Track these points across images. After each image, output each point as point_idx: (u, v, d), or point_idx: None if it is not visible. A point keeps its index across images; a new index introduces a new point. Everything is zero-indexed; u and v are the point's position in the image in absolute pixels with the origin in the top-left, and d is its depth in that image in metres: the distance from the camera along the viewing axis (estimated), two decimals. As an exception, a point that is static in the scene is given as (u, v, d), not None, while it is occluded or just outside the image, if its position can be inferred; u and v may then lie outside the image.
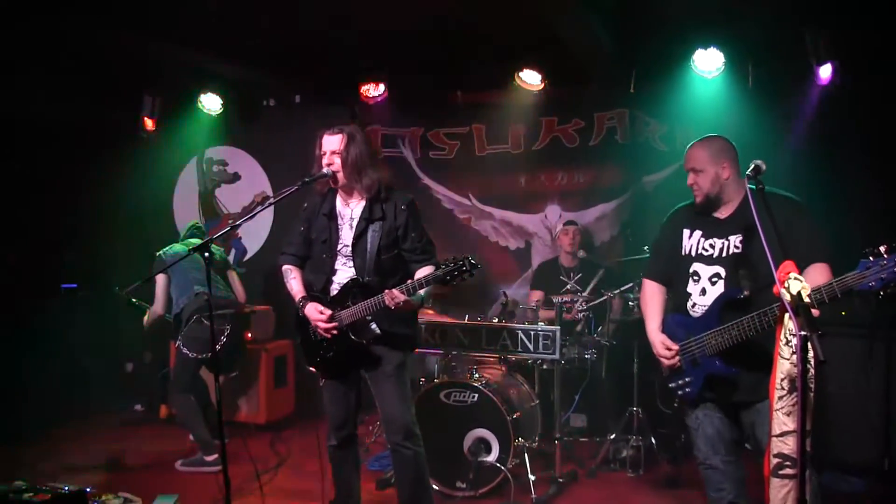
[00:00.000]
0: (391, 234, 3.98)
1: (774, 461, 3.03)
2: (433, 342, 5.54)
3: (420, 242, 4.01)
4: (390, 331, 4.00)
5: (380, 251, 3.96)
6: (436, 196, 7.52)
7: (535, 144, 7.18)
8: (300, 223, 4.21)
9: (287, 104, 7.75)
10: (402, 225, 3.99)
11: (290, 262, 4.23)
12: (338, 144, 3.95)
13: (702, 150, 3.57)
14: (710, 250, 3.49)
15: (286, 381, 7.15)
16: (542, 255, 7.16)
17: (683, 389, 3.53)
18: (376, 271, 3.95)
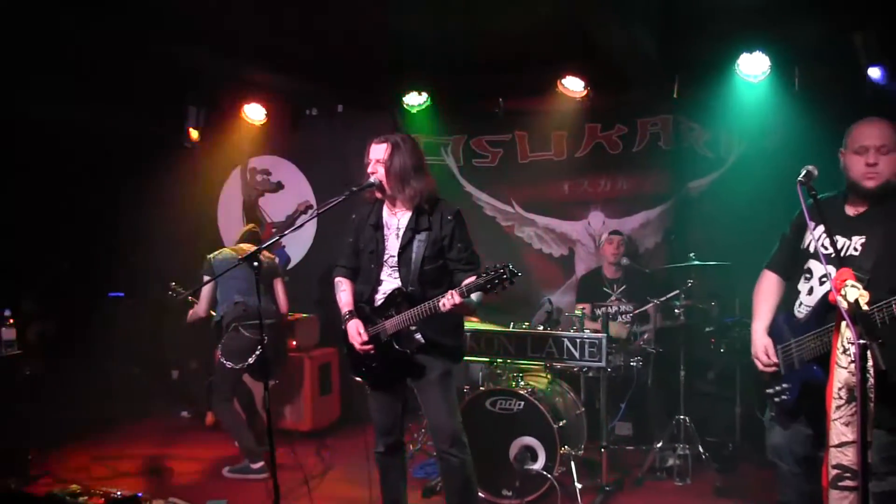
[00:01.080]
0: (436, 245, 3.99)
1: (833, 472, 2.96)
2: (478, 350, 5.55)
3: (466, 253, 4.01)
4: (435, 340, 4.02)
5: (424, 261, 3.97)
6: (478, 203, 7.51)
7: (579, 151, 7.16)
8: (349, 234, 4.24)
9: (330, 113, 7.79)
10: (447, 235, 3.99)
11: (342, 275, 4.26)
12: (382, 153, 3.98)
13: (891, 128, 3.16)
14: (828, 248, 3.15)
15: (331, 389, 7.19)
16: (586, 262, 7.14)
17: (780, 396, 3.36)
18: (420, 281, 3.96)
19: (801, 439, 3.34)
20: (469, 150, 7.55)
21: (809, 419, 3.28)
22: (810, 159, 3.10)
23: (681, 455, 5.54)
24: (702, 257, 5.80)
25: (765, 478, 5.47)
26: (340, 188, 4.02)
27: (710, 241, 6.27)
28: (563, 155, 7.23)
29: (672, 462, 5.55)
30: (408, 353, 3.98)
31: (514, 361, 5.57)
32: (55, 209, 7.29)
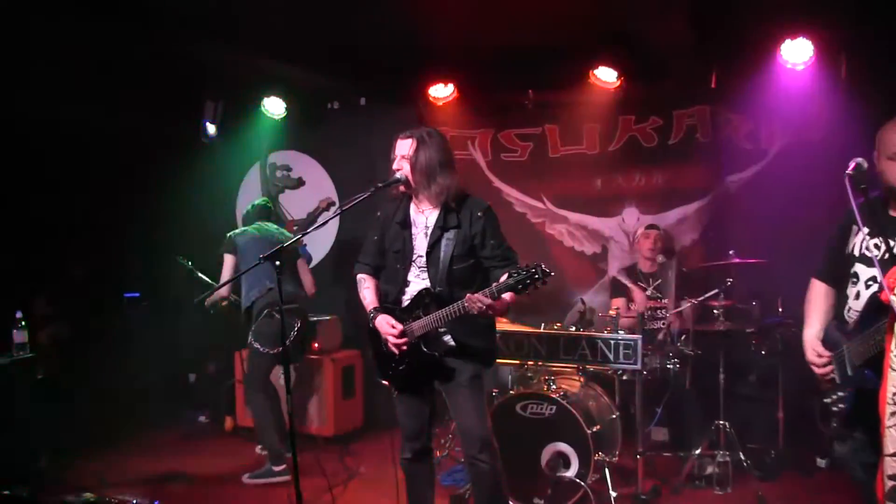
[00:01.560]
0: (466, 243, 3.99)
1: (889, 484, 2.91)
2: (507, 352, 5.55)
3: (500, 249, 4.01)
4: (465, 342, 4.02)
5: (453, 261, 3.98)
6: (507, 199, 7.50)
7: (612, 144, 7.15)
8: (374, 232, 4.25)
9: (352, 107, 7.81)
10: (478, 233, 3.99)
11: (365, 272, 4.28)
12: (408, 149, 4.00)
13: None
14: (873, 251, 3.20)
15: (354, 392, 7.22)
16: (620, 259, 7.11)
17: (837, 405, 3.36)
18: (448, 281, 3.97)
19: (864, 447, 3.32)
20: (497, 144, 7.54)
21: (867, 426, 3.25)
22: (858, 152, 3.08)
23: (721, 462, 5.50)
24: (742, 255, 5.76)
25: (809, 486, 5.47)
26: (364, 184, 4.06)
27: (750, 238, 6.21)
28: (596, 148, 7.21)
29: (711, 470, 5.52)
30: (436, 355, 4.00)
31: (545, 364, 5.57)
32: (68, 208, 7.35)
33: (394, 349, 4.04)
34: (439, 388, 4.14)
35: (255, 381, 6.03)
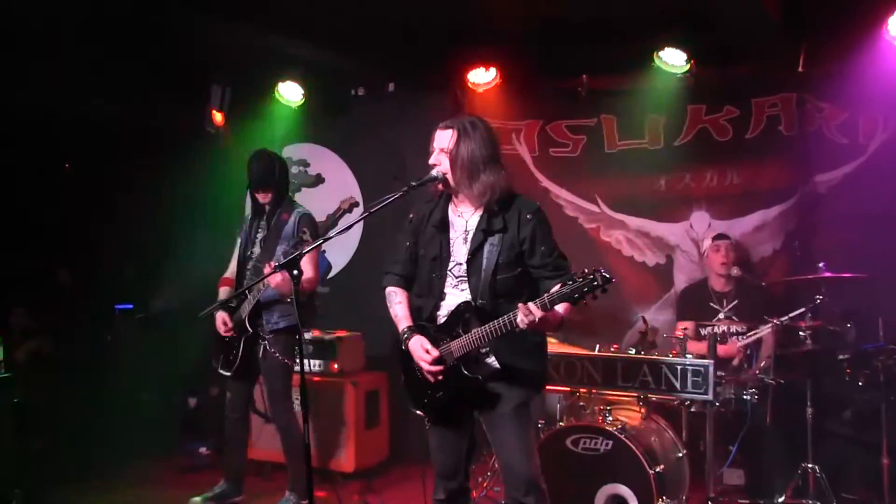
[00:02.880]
0: (513, 249, 3.97)
1: None
2: (557, 377, 5.53)
3: (551, 257, 3.97)
4: (511, 364, 3.97)
5: (497, 269, 3.95)
6: (557, 201, 7.46)
7: (679, 138, 7.09)
8: (406, 236, 4.25)
9: (379, 93, 7.80)
10: (527, 237, 3.96)
11: (395, 284, 4.25)
12: (447, 141, 3.99)
13: None
14: None
15: (379, 421, 7.19)
16: (687, 272, 7.06)
17: None
18: (492, 293, 3.94)
19: None
20: (546, 137, 7.52)
21: None
22: None
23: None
24: (834, 268, 5.68)
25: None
26: (391, 182, 4.10)
27: (843, 248, 6.19)
28: (660, 143, 7.17)
29: (798, 522, 5.45)
30: (479, 378, 3.94)
31: (600, 391, 5.56)
32: (53, 205, 7.39)
33: (429, 377, 4.00)
34: (479, 417, 4.10)
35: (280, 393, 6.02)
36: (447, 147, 3.98)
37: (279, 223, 5.82)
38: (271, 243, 5.78)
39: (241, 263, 5.92)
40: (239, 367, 5.83)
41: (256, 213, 5.94)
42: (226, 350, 5.89)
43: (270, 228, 5.83)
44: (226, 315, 5.83)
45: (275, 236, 5.79)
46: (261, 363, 5.85)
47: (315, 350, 7.07)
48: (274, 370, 5.86)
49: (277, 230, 5.80)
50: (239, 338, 5.80)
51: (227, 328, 5.81)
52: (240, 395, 6.02)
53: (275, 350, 5.79)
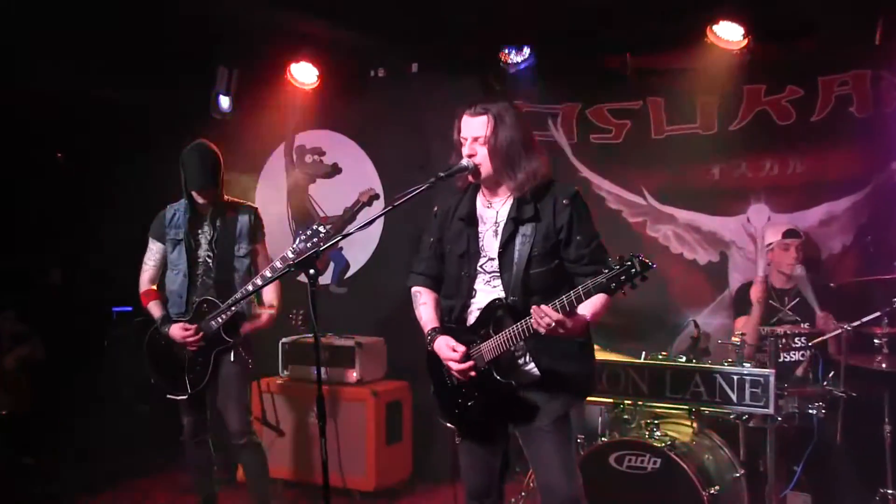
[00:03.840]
0: (549, 240, 3.95)
1: None
2: (598, 387, 5.50)
3: (588, 248, 3.94)
4: (551, 370, 3.94)
5: (530, 262, 3.94)
6: (598, 193, 7.42)
7: (734, 122, 7.01)
8: (430, 232, 4.30)
9: (401, 75, 7.81)
10: (564, 226, 3.95)
11: (421, 284, 4.30)
12: (482, 128, 3.98)
13: None
14: None
15: (401, 435, 7.19)
16: (744, 271, 6.99)
17: None
18: (524, 289, 3.92)
19: None
20: (586, 123, 7.48)
21: None
22: None
23: (887, 543, 5.41)
24: (915, 266, 5.64)
25: None
26: (415, 172, 4.10)
27: None
28: (713, 128, 7.10)
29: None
30: (512, 384, 3.91)
31: (646, 404, 5.59)
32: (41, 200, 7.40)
33: (459, 377, 3.98)
34: (514, 430, 4.10)
35: None
36: (484, 135, 3.97)
37: (228, 222, 5.78)
38: (225, 245, 5.74)
39: (190, 269, 5.73)
40: (206, 385, 5.69)
41: (194, 213, 5.79)
42: (184, 368, 5.69)
43: (218, 228, 5.75)
44: (184, 324, 5.61)
45: (229, 236, 5.75)
46: (225, 369, 5.73)
47: (331, 357, 7.05)
48: (242, 375, 5.82)
49: (230, 229, 5.76)
50: (207, 351, 5.65)
51: (195, 339, 5.58)
52: (200, 416, 5.87)
53: (244, 353, 5.78)
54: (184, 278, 5.72)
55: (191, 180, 5.68)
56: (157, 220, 5.89)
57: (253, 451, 5.82)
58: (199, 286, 5.74)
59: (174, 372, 5.71)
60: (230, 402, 5.72)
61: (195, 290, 5.72)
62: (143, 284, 5.88)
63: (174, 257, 5.77)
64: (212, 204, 5.76)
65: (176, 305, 5.75)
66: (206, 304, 5.62)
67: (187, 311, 5.69)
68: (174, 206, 5.86)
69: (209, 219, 5.77)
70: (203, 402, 5.82)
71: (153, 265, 5.89)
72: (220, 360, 5.69)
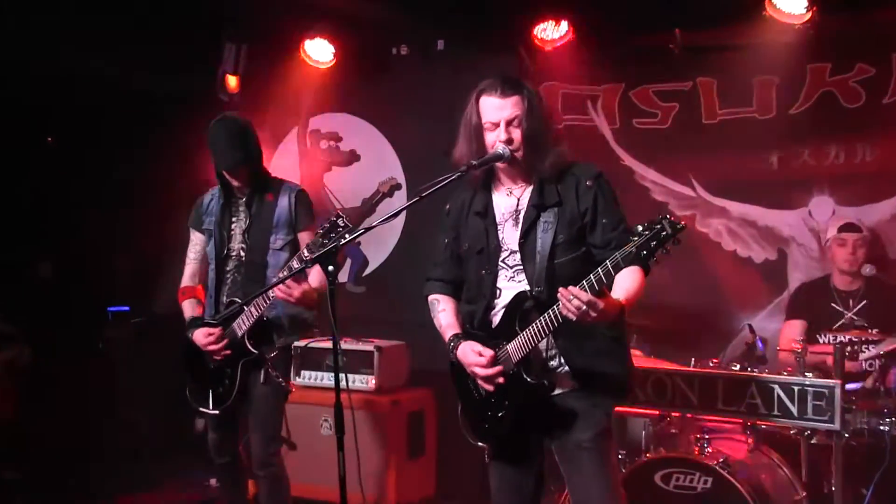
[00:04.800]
0: (573, 225, 3.97)
1: None
2: (642, 397, 5.49)
3: (616, 231, 3.92)
4: (584, 369, 3.93)
5: (554, 251, 3.95)
6: (642, 183, 7.43)
7: (796, 105, 6.96)
8: (444, 233, 4.34)
9: (426, 52, 7.85)
10: (588, 208, 3.97)
11: (438, 291, 4.32)
12: (516, 110, 3.98)
13: None
14: None
15: (424, 449, 7.19)
16: (806, 270, 6.96)
17: None
18: (549, 280, 3.91)
19: None
20: (629, 106, 7.48)
21: None
22: None
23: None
24: None
25: None
26: (441, 160, 4.15)
27: None
28: (772, 111, 7.06)
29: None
30: (545, 385, 3.89)
31: (696, 416, 5.54)
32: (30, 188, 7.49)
33: (487, 386, 3.96)
34: (550, 445, 4.07)
35: None
36: (517, 117, 3.97)
37: (265, 207, 5.51)
38: (260, 234, 5.48)
39: (219, 264, 5.55)
40: (234, 402, 5.48)
41: (227, 199, 5.57)
42: (212, 380, 5.54)
43: (253, 215, 5.51)
44: (209, 329, 5.42)
45: (264, 224, 5.49)
46: (255, 390, 5.53)
47: (347, 362, 7.01)
48: (273, 398, 5.61)
49: (265, 216, 5.49)
50: (234, 362, 5.46)
51: (219, 347, 5.39)
52: (228, 435, 5.73)
53: (277, 373, 5.57)
54: (214, 274, 5.55)
55: (219, 160, 5.40)
56: (195, 208, 5.70)
57: (271, 484, 5.61)
58: (229, 284, 5.54)
59: (205, 382, 5.54)
60: (255, 425, 5.55)
61: (224, 289, 5.53)
62: (183, 281, 5.68)
63: (209, 250, 5.59)
64: (246, 188, 5.52)
65: (209, 306, 5.58)
66: (234, 305, 5.44)
67: (217, 314, 5.51)
68: (212, 190, 5.66)
69: (245, 203, 5.54)
70: (232, 421, 5.67)
71: (195, 258, 5.67)
72: (250, 377, 5.48)
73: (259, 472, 5.53)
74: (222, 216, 5.52)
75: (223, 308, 5.46)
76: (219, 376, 5.45)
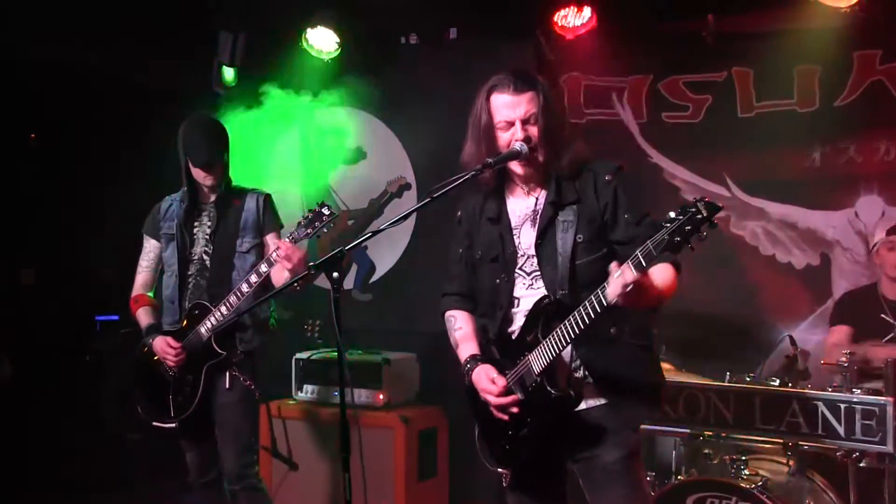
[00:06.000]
0: (593, 223, 3.97)
1: None
2: (673, 415, 5.51)
3: (640, 226, 3.87)
4: (613, 380, 3.91)
5: (574, 252, 3.93)
6: (672, 182, 7.44)
7: (840, 97, 6.96)
8: (457, 241, 4.35)
9: (437, 42, 7.87)
10: (608, 204, 3.96)
11: (455, 307, 4.32)
12: (532, 106, 3.97)
13: None
14: None
15: (435, 470, 7.18)
16: (852, 277, 6.94)
17: None
18: (572, 282, 3.90)
19: None
20: (658, 98, 7.51)
21: None
22: None
23: None
24: None
25: None
26: (454, 157, 4.11)
27: None
28: (814, 103, 7.06)
29: None
30: (571, 396, 3.83)
31: (732, 435, 5.52)
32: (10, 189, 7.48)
33: (500, 415, 3.98)
34: (573, 467, 4.04)
35: None
36: (533, 115, 3.95)
37: (231, 210, 5.67)
38: (226, 237, 5.62)
39: (181, 269, 5.65)
40: (196, 410, 5.51)
41: (192, 202, 5.69)
42: (169, 389, 5.57)
43: (220, 218, 5.65)
44: (169, 339, 5.49)
45: (230, 227, 5.63)
46: (221, 397, 5.59)
47: (353, 376, 7.02)
48: (241, 405, 5.67)
49: (232, 219, 5.65)
50: (197, 367, 5.51)
51: (176, 354, 5.45)
52: (206, 450, 5.72)
53: (244, 377, 5.62)
54: (175, 280, 5.63)
55: (195, 156, 5.55)
56: (152, 214, 5.83)
57: (249, 498, 5.66)
58: (191, 289, 5.65)
59: (161, 394, 5.58)
60: (224, 437, 5.60)
61: (187, 294, 5.62)
62: (134, 289, 5.79)
63: (168, 256, 5.70)
64: (217, 189, 5.67)
65: (169, 313, 5.66)
66: (197, 309, 5.52)
67: (180, 320, 5.59)
68: (172, 196, 5.80)
69: (210, 208, 5.69)
70: (206, 432, 5.66)
71: (147, 266, 5.81)
72: (215, 384, 5.56)
73: (234, 486, 5.58)
74: (186, 219, 5.66)
75: (186, 314, 5.56)
76: (179, 384, 5.52)
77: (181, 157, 5.60)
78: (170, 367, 5.48)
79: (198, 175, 5.58)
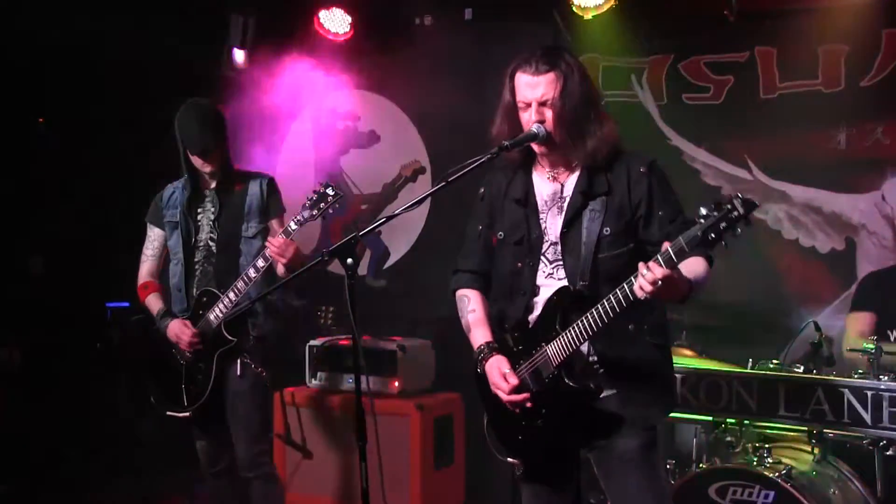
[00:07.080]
0: (622, 217, 3.93)
1: None
2: (694, 402, 5.51)
3: (675, 224, 3.82)
4: (629, 378, 3.88)
5: (600, 244, 3.90)
6: (692, 165, 7.45)
7: (868, 77, 6.94)
8: (477, 219, 4.28)
9: (452, 23, 7.83)
10: (641, 199, 3.92)
11: (468, 285, 4.27)
12: (550, 88, 3.91)
13: None
14: None
15: (452, 458, 7.16)
16: (878, 261, 6.88)
17: None
18: (593, 275, 3.87)
19: None
20: (678, 79, 7.53)
21: None
22: None
23: None
24: None
25: None
26: (470, 141, 4.11)
27: None
28: (840, 83, 7.04)
29: None
30: (591, 388, 3.81)
31: (755, 423, 5.51)
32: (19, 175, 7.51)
33: (511, 407, 3.97)
34: (588, 454, 4.04)
35: None
36: (552, 96, 3.89)
37: (234, 195, 5.68)
38: (231, 222, 5.62)
39: (187, 256, 5.67)
40: (209, 398, 5.54)
41: (194, 189, 5.71)
42: (182, 377, 5.61)
43: (223, 204, 5.65)
44: (186, 321, 5.55)
45: (235, 212, 5.64)
46: (232, 384, 5.61)
47: (368, 363, 6.90)
48: (253, 392, 5.68)
49: (236, 204, 5.65)
50: (208, 354, 5.53)
51: (193, 340, 5.48)
52: (217, 439, 5.76)
53: (255, 364, 5.63)
54: (182, 268, 5.65)
55: (190, 143, 5.55)
56: (154, 202, 5.85)
57: (263, 485, 5.70)
58: (198, 276, 5.66)
59: (174, 383, 5.61)
60: (237, 425, 5.62)
61: (194, 282, 5.63)
62: (140, 277, 5.80)
63: (172, 244, 5.72)
64: (217, 175, 5.66)
65: (177, 301, 5.67)
66: (205, 296, 5.53)
67: (189, 307, 5.60)
68: (174, 184, 5.81)
69: (213, 194, 5.69)
70: (217, 421, 5.67)
71: (152, 255, 5.82)
72: (226, 371, 5.58)
73: (248, 473, 5.61)
74: (189, 207, 5.66)
75: (194, 302, 5.58)
76: (191, 372, 5.55)
77: (179, 144, 5.62)
78: (183, 351, 5.50)
79: (196, 162, 5.58)
